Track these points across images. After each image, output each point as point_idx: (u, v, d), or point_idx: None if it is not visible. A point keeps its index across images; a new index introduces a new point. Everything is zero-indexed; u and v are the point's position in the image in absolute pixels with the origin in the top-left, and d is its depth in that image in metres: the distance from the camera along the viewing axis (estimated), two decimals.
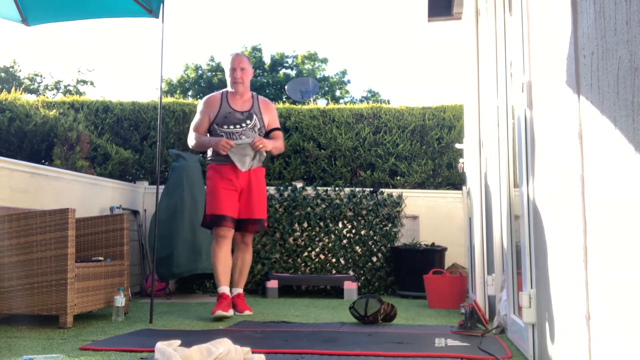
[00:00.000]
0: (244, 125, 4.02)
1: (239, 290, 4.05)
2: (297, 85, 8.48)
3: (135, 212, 5.41)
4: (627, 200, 1.25)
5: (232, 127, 4.02)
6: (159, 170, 4.02)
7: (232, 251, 4.06)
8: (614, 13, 1.29)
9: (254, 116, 4.05)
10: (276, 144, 4.12)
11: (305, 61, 24.89)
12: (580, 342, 1.66)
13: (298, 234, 5.63)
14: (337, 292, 5.39)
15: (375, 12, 44.99)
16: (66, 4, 4.23)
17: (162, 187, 5.27)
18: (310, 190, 5.74)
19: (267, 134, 4.14)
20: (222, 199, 3.94)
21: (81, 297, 3.35)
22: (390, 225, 5.66)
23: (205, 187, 4.07)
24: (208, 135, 4.08)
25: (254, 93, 4.20)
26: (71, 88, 22.11)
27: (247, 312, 3.94)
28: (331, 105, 6.93)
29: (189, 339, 2.67)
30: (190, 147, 4.09)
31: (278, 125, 4.22)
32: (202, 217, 4.07)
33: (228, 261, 3.96)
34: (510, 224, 2.97)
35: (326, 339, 2.92)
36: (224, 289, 3.90)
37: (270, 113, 4.17)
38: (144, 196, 5.67)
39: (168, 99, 6.73)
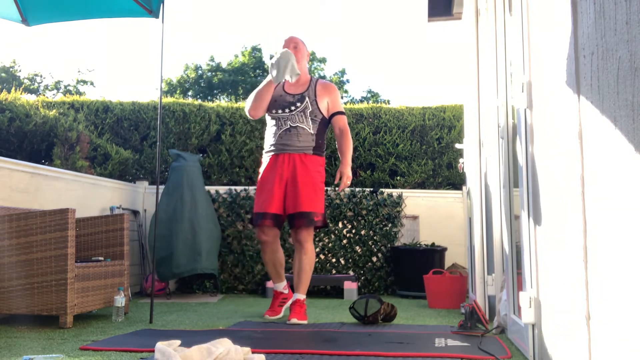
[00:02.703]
0: (292, 108, 3.72)
1: (298, 296, 3.68)
2: None
3: (135, 212, 5.42)
4: (627, 200, 1.25)
5: (280, 111, 3.76)
6: (159, 170, 4.01)
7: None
8: (614, 13, 1.29)
9: (306, 99, 3.74)
10: (346, 151, 3.75)
11: None
12: (580, 342, 1.66)
13: None
14: (337, 292, 5.39)
15: (375, 12, 44.98)
16: (66, 4, 4.23)
17: (162, 187, 5.27)
18: None
19: (330, 119, 3.83)
20: (262, 194, 3.71)
21: (81, 297, 3.36)
22: (390, 225, 5.66)
23: None
24: (268, 122, 3.87)
25: (315, 77, 3.90)
26: (71, 88, 22.12)
27: (294, 320, 3.53)
28: None
29: (189, 339, 2.66)
30: (248, 111, 3.82)
31: (341, 108, 3.85)
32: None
33: (277, 263, 3.79)
34: (511, 224, 2.97)
35: (326, 339, 2.92)
36: (276, 286, 3.87)
37: (330, 96, 3.81)
38: (144, 196, 5.67)
39: (168, 99, 6.73)
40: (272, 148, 3.78)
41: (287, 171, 3.70)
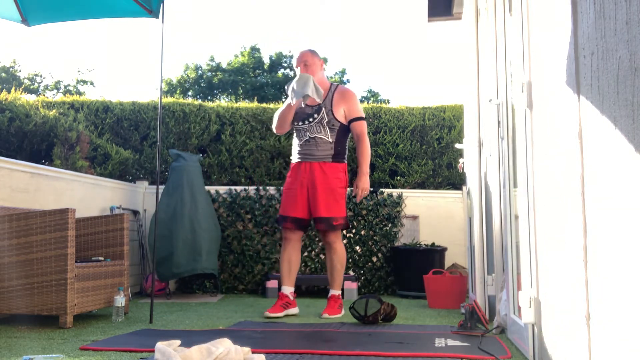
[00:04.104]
0: (310, 120, 3.93)
1: (332, 292, 4.00)
2: None
3: (135, 212, 5.41)
4: (627, 200, 1.25)
5: (300, 123, 3.99)
6: (159, 170, 4.01)
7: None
8: (614, 13, 1.29)
9: (322, 110, 3.92)
10: (362, 161, 3.91)
11: None
12: (580, 342, 1.66)
13: None
14: None
15: (375, 12, 44.98)
16: (66, 4, 4.23)
17: (162, 187, 5.27)
18: None
19: (349, 125, 3.97)
20: (285, 199, 4.00)
21: (81, 297, 3.36)
22: (390, 225, 5.66)
23: None
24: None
25: (335, 84, 4.06)
26: (71, 88, 22.11)
27: (325, 315, 3.83)
28: None
29: (189, 339, 2.67)
30: (274, 129, 4.08)
31: (359, 114, 3.97)
32: None
33: (292, 262, 4.00)
34: (510, 224, 2.97)
35: (326, 339, 2.92)
36: (284, 289, 3.99)
37: (347, 103, 3.95)
38: (144, 196, 5.67)
39: (168, 99, 6.73)
40: (297, 157, 4.03)
41: (307, 178, 3.94)
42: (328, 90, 3.99)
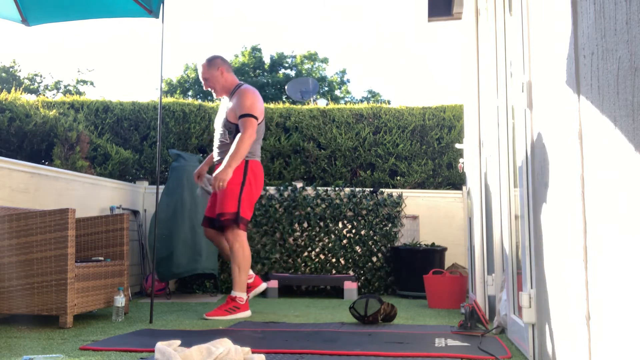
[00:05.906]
0: (216, 127, 4.07)
1: (232, 291, 3.88)
2: (297, 85, 8.48)
3: (135, 212, 5.41)
4: (627, 200, 1.25)
5: (214, 133, 4.14)
6: (159, 170, 4.01)
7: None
8: (614, 13, 1.29)
9: (221, 114, 4.04)
10: (232, 153, 3.70)
11: (305, 61, 24.88)
12: (580, 342, 1.66)
13: (298, 234, 5.63)
14: (337, 292, 5.39)
15: (375, 12, 44.98)
16: (66, 4, 4.23)
17: (162, 187, 5.27)
18: (310, 190, 5.74)
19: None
20: None
21: (81, 297, 3.35)
22: (390, 225, 5.66)
23: None
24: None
25: (238, 84, 4.01)
26: (71, 88, 22.10)
27: (203, 316, 3.76)
28: (331, 105, 6.93)
29: (189, 339, 2.67)
30: None
31: (243, 111, 3.78)
32: None
33: (226, 257, 4.13)
34: (510, 224, 2.97)
35: (326, 339, 2.92)
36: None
37: (237, 102, 3.83)
38: (144, 196, 5.66)
39: (168, 99, 6.73)
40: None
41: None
42: (230, 95, 4.01)
